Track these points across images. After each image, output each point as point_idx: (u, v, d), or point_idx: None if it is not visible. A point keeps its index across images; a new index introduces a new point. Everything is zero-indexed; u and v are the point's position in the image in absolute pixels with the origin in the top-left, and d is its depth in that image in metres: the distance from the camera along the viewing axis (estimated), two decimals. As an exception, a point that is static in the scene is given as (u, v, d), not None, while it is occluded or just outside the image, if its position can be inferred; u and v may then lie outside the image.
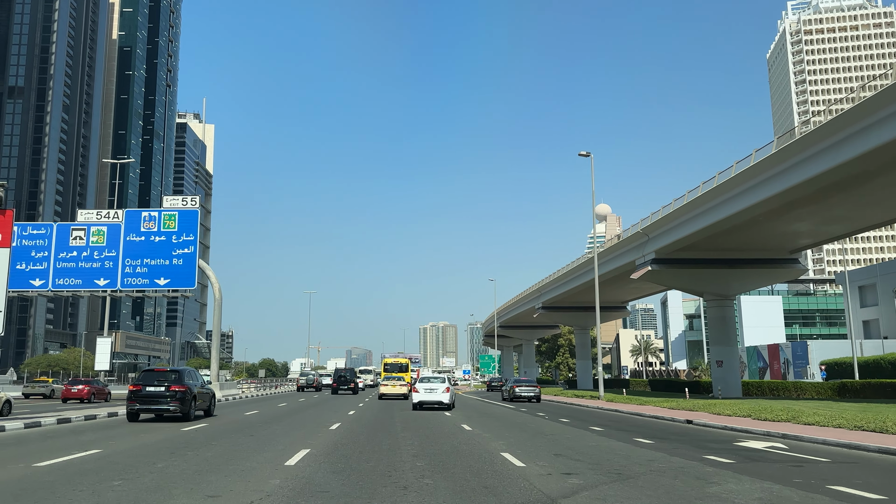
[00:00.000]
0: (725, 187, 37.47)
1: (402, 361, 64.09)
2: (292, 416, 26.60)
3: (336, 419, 24.88)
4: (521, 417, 27.33)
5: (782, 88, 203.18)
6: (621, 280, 61.08)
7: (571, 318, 76.71)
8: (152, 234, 45.77)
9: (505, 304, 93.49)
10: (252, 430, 19.26)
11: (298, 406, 36.71)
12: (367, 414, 29.15)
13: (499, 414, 29.91)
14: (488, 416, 27.63)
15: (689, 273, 46.14)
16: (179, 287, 45.56)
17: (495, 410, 32.96)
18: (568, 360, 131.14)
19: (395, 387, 46.78)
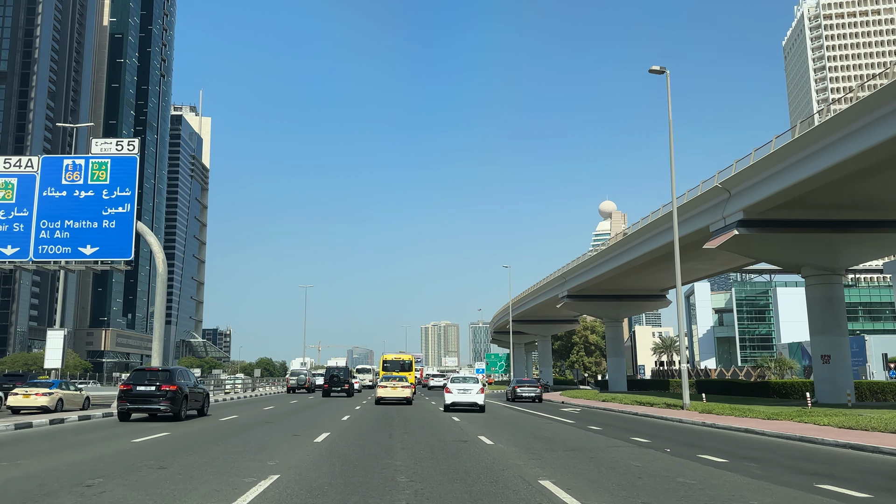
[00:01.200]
0: (859, 111, 26.01)
1: (405, 358, 52.52)
2: (259, 429, 18.80)
3: (316, 432, 17.96)
4: (584, 437, 15.66)
5: (800, 76, 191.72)
6: (665, 261, 49.49)
7: (601, 309, 65.02)
8: (77, 188, 34.06)
9: (521, 295, 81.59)
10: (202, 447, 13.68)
11: (278, 412, 27.20)
12: (358, 424, 20.82)
13: (559, 436, 18.06)
14: (544, 440, 15.76)
15: (788, 240, 34.44)
16: (111, 257, 33.79)
17: (544, 426, 21.21)
18: (583, 358, 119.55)
19: (395, 389, 36.19)
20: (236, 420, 22.35)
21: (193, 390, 23.11)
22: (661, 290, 64.28)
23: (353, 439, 15.95)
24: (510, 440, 16.29)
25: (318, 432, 17.61)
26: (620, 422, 24.39)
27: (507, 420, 24.28)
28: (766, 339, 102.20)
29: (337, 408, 32.19)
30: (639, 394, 49.18)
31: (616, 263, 55.19)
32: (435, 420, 23.55)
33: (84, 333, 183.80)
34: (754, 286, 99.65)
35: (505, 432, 18.66)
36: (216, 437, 16.12)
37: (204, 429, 18.72)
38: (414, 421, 22.64)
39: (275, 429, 18.68)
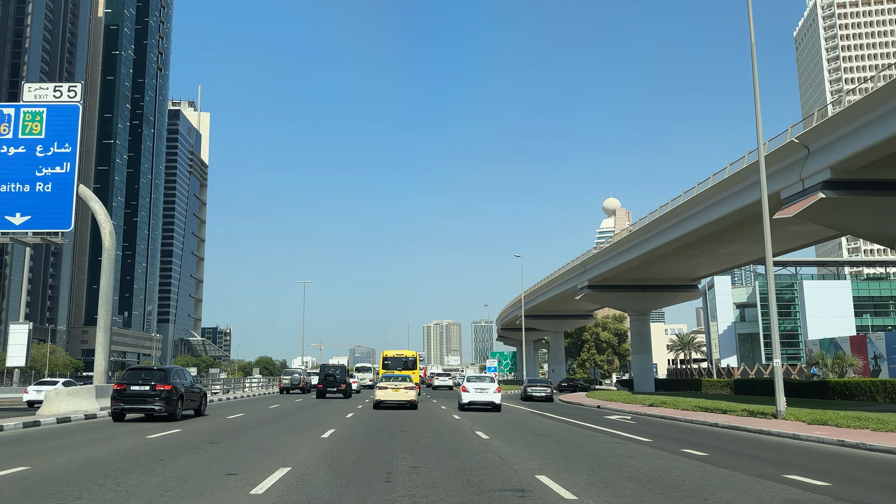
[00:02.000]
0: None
1: (408, 355, 45.60)
2: (184, 457, 12.35)
3: (269, 463, 11.34)
4: (702, 475, 8.78)
5: (812, 66, 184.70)
6: (702, 244, 42.64)
7: (625, 301, 58.10)
8: (4, 143, 27.30)
9: (534, 287, 74.42)
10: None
11: (243, 423, 20.71)
12: (343, 447, 14.29)
13: (667, 475, 10.99)
14: (655, 482, 8.79)
15: (890, 206, 27.49)
16: (46, 228, 27.05)
17: (619, 450, 14.21)
18: (594, 356, 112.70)
19: (397, 390, 29.94)
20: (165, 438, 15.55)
21: (189, 390, 22.50)
22: (692, 280, 57.39)
23: (323, 483, 9.12)
24: (595, 483, 9.44)
25: (274, 464, 10.82)
26: (711, 438, 17.52)
27: (552, 436, 17.41)
28: (792, 335, 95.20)
29: (327, 413, 25.51)
30: (679, 395, 42.22)
31: (644, 249, 48.34)
32: (452, 435, 16.70)
33: (78, 332, 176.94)
34: (779, 279, 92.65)
35: (571, 463, 11.76)
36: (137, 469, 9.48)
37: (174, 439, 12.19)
38: (423, 437, 15.80)
39: (209, 459, 11.79)
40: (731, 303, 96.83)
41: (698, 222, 39.84)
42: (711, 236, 41.25)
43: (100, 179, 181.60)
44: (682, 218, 41.60)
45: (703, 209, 38.67)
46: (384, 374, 34.66)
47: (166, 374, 21.23)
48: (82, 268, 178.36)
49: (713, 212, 37.37)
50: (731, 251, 45.26)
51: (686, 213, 40.81)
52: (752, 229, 36.91)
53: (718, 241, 42.10)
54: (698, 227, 39.96)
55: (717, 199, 36.53)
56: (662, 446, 15.03)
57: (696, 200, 38.71)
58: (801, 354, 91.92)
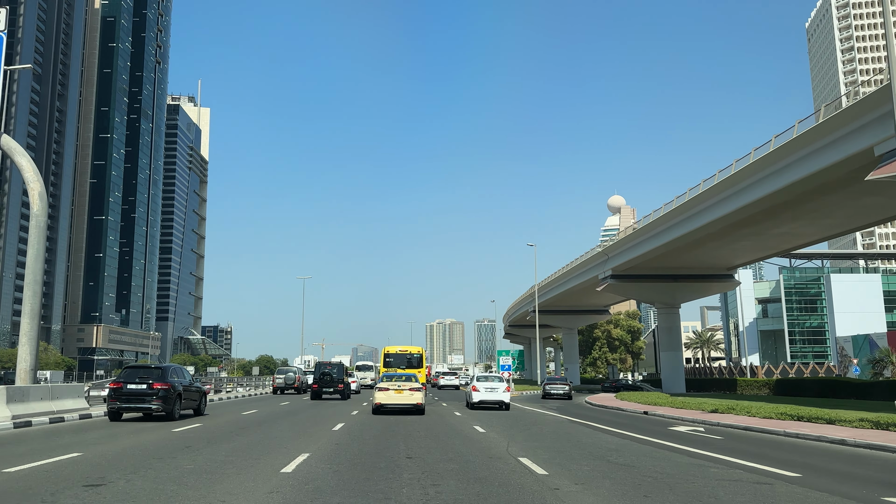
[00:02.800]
0: None
1: (413, 351, 39.58)
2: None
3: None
4: None
5: (826, 58, 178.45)
6: (747, 225, 36.60)
7: (653, 292, 52.00)
8: None
9: (549, 278, 67.94)
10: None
11: (212, 433, 16.31)
12: (322, 485, 8.96)
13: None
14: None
15: None
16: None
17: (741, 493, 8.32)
18: (606, 354, 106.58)
19: (400, 392, 24.70)
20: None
21: (188, 389, 21.68)
22: (727, 269, 51.31)
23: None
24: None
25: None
26: (878, 469, 11.52)
27: (639, 468, 11.43)
28: (819, 331, 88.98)
29: (311, 423, 19.65)
30: (727, 398, 36.21)
31: (677, 233, 42.33)
32: (486, 465, 10.71)
33: (74, 330, 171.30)
34: (804, 273, 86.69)
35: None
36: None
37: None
38: (445, 474, 9.79)
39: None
40: (753, 298, 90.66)
41: (750, 197, 33.84)
42: (764, 214, 35.23)
43: (96, 174, 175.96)
44: (729, 193, 35.55)
45: (758, 181, 32.63)
46: (385, 374, 28.73)
47: (164, 372, 20.29)
48: (79, 265, 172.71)
49: (773, 182, 31.33)
50: (784, 232, 39.19)
51: (735, 186, 34.76)
52: (819, 202, 30.92)
53: (772, 219, 36.07)
54: (749, 202, 33.97)
55: (780, 165, 30.47)
56: (836, 490, 9.05)
57: (750, 170, 32.65)
58: (829, 352, 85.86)
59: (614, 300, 69.13)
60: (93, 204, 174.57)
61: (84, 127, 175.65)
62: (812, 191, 30.11)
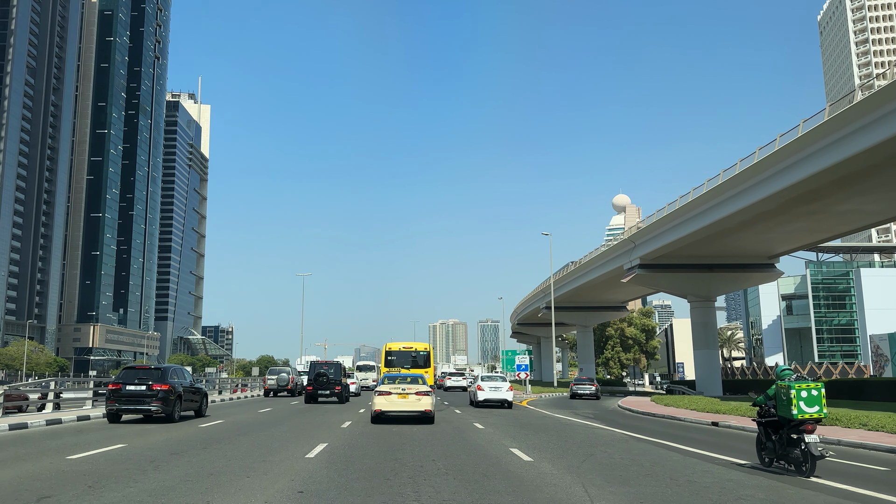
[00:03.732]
0: None
1: (419, 348, 33.96)
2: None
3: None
4: None
5: (839, 51, 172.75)
6: (801, 203, 30.98)
7: (686, 283, 46.22)
8: None
9: (568, 270, 61.82)
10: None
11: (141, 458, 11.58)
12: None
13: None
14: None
15: None
16: None
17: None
18: (619, 354, 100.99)
19: (404, 397, 20.25)
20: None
21: (188, 390, 20.73)
22: (769, 257, 45.63)
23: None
24: None
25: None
26: None
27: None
28: (848, 329, 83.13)
29: (288, 438, 14.30)
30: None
31: (717, 215, 36.72)
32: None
33: (70, 329, 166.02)
34: (832, 268, 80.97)
35: None
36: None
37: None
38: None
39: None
40: (777, 294, 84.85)
41: (812, 168, 28.29)
42: (835, 185, 29.56)
43: (93, 170, 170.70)
44: (794, 161, 29.92)
45: (833, 142, 26.98)
46: (387, 374, 23.23)
47: (164, 373, 19.61)
48: (75, 263, 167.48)
49: (853, 143, 25.69)
50: (848, 210, 33.51)
51: (803, 152, 29.13)
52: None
53: (842, 191, 30.41)
54: (810, 175, 28.42)
55: (865, 121, 24.82)
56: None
57: (826, 129, 26.99)
58: (859, 351, 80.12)
59: (636, 294, 63.45)
60: (89, 201, 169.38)
61: (81, 122, 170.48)
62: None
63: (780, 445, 10.17)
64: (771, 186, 31.41)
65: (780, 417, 9.99)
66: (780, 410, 9.91)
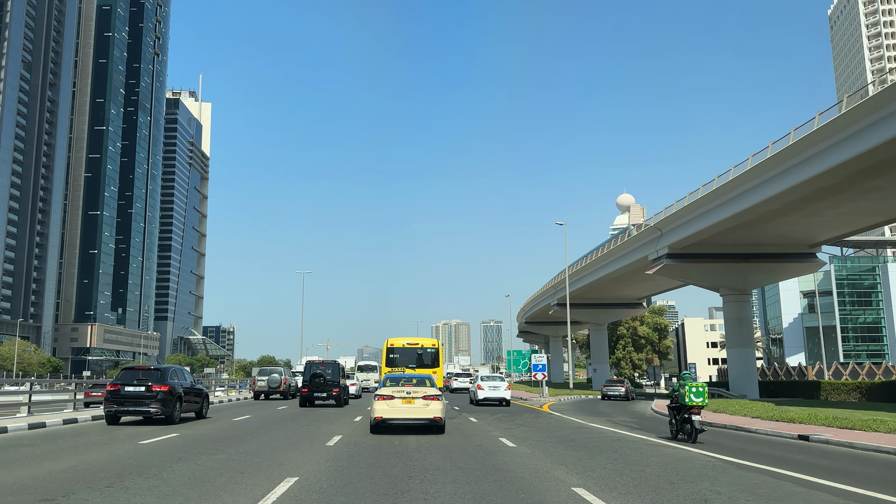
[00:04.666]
0: None
1: (427, 345, 29.28)
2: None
3: None
4: None
5: (850, 46, 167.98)
6: (878, 173, 26.39)
7: (719, 274, 41.49)
8: None
9: (581, 264, 57.00)
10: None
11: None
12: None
13: None
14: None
15: None
16: None
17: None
18: (631, 354, 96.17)
19: (410, 401, 16.58)
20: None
21: (189, 391, 20.13)
22: (810, 246, 40.95)
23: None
24: None
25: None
26: None
27: None
28: (874, 328, 78.36)
29: (258, 461, 9.95)
30: (841, 408, 25.93)
31: (760, 196, 32.12)
32: None
33: (68, 329, 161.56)
34: (857, 263, 76.23)
35: None
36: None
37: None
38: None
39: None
40: (798, 291, 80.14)
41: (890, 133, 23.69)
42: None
43: (91, 167, 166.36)
44: (854, 131, 25.34)
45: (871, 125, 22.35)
46: (389, 375, 18.69)
47: (163, 373, 18.88)
48: (72, 261, 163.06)
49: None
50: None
51: (867, 119, 24.53)
52: None
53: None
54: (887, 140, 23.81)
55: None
56: None
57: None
58: (887, 350, 75.35)
59: (657, 289, 58.67)
60: (87, 198, 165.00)
61: (78, 119, 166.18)
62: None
63: (679, 422, 15.16)
64: (834, 157, 26.79)
65: (680, 404, 14.88)
66: (680, 400, 14.87)
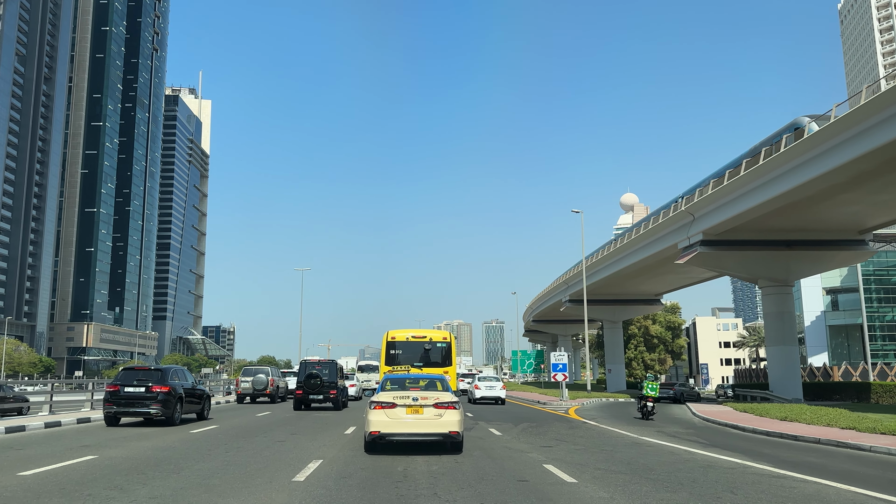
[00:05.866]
0: None
1: (437, 338, 23.88)
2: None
3: None
4: None
5: (861, 40, 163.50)
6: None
7: (758, 263, 36.76)
8: None
9: (598, 256, 52.10)
10: None
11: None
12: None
13: None
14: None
15: None
16: None
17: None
18: (643, 354, 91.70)
19: (416, 410, 11.91)
20: None
21: (190, 392, 19.67)
22: (860, 232, 36.48)
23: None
24: None
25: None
26: None
27: None
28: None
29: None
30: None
31: (817, 170, 27.69)
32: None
33: (63, 328, 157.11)
34: (885, 258, 71.81)
35: None
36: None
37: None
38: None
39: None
40: (820, 288, 75.74)
41: None
42: None
43: (88, 164, 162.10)
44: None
45: None
46: (389, 376, 13.96)
47: (164, 374, 18.43)
48: (68, 259, 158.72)
49: None
50: None
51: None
52: None
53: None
54: None
55: None
56: None
57: None
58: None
59: (681, 283, 54.14)
60: (84, 195, 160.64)
61: (75, 114, 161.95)
62: None
63: (642, 407, 24.35)
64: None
65: (644, 395, 24.44)
66: (643, 391, 24.68)
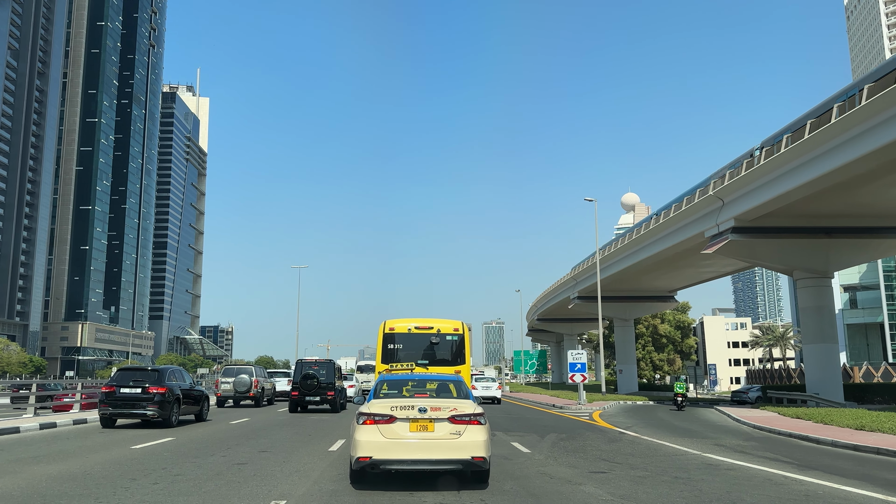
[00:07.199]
0: None
1: (446, 328, 18.30)
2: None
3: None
4: None
5: (868, 36, 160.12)
6: None
7: (794, 253, 33.07)
8: None
9: (612, 248, 48.25)
10: None
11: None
12: None
13: None
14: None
15: None
16: None
17: None
18: (651, 354, 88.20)
19: (426, 427, 7.33)
20: None
21: (188, 393, 19.03)
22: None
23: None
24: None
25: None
26: None
27: None
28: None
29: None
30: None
31: (866, 147, 24.18)
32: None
33: (57, 327, 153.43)
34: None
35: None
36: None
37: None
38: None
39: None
40: (838, 285, 72.32)
41: None
42: None
43: (83, 161, 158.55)
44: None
45: None
46: (387, 377, 10.02)
47: (161, 375, 17.90)
48: (63, 258, 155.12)
49: None
50: None
51: None
52: None
53: None
54: None
55: None
56: None
57: None
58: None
59: (706, 276, 50.37)
60: (79, 192, 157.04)
61: (69, 110, 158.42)
62: None
63: (677, 402, 32.06)
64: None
65: (676, 392, 32.55)
66: (674, 390, 33.00)
